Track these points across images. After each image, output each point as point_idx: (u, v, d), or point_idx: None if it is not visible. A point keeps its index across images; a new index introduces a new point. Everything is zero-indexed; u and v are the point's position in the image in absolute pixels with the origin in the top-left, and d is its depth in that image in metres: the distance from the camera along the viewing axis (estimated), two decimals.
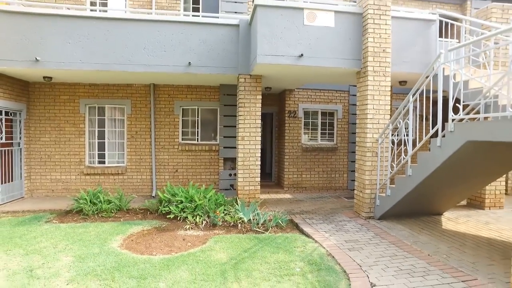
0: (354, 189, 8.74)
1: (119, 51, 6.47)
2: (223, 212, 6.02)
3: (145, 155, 8.15)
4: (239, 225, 5.65)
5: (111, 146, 8.17)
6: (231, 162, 8.26)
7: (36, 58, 6.22)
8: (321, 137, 9.08)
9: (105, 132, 8.13)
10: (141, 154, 8.14)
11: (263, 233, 5.38)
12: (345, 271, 3.85)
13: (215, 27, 6.70)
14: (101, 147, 8.14)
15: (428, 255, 4.27)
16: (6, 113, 7.07)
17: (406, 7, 9.22)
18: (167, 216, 6.16)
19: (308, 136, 9.03)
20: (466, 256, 4.26)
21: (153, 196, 7.97)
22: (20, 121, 7.52)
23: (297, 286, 3.51)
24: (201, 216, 5.88)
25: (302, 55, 5.84)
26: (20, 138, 7.52)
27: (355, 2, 8.90)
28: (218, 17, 7.23)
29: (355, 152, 8.82)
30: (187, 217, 5.94)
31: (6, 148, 7.08)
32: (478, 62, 5.66)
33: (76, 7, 6.83)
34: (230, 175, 8.19)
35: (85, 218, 6.13)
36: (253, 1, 8.57)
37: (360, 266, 3.94)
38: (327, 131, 9.12)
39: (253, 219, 5.68)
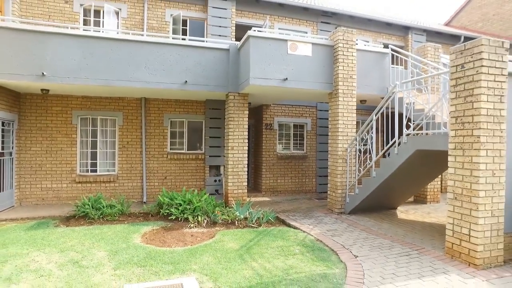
0: (322, 192, 10.21)
1: (121, 69, 7.23)
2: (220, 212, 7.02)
3: (136, 164, 8.83)
4: (236, 222, 6.70)
5: (102, 155, 8.72)
6: (215, 169, 9.26)
7: (42, 73, 6.75)
8: (293, 146, 10.47)
9: (97, 142, 8.67)
10: (132, 163, 8.80)
11: (258, 227, 6.50)
12: (332, 250, 5.13)
13: (208, 50, 7.76)
14: (93, 156, 8.65)
15: (390, 236, 5.73)
16: (2, 124, 7.39)
17: (362, 36, 11.07)
18: (169, 218, 7.00)
19: (282, 146, 10.36)
20: (416, 235, 5.79)
21: (144, 202, 8.66)
22: (12, 131, 7.82)
23: (301, 261, 4.70)
24: (202, 216, 6.82)
25: (286, 78, 7.14)
26: (12, 148, 7.82)
27: (321, 32, 10.52)
28: (205, 41, 8.31)
29: (322, 159, 10.39)
30: (188, 218, 6.84)
31: (0, 158, 7.38)
32: (424, 91, 7.43)
33: (80, 27, 7.44)
34: (215, 181, 9.18)
35: (91, 222, 6.72)
36: (235, 26, 9.76)
37: (343, 246, 5.24)
38: (298, 141, 10.54)
39: (248, 217, 6.77)
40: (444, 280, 3.95)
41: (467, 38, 12.41)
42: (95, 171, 8.67)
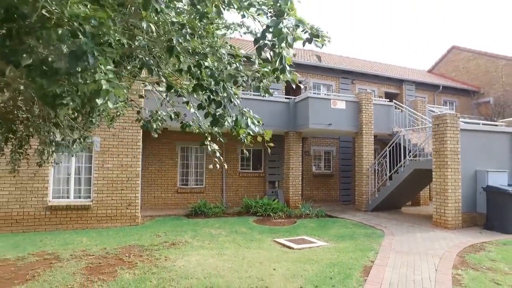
0: (344, 200, 14.67)
1: None
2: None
3: (218, 180, 13.09)
4: (303, 215, 11.05)
5: (194, 173, 12.95)
6: (272, 184, 13.63)
7: None
8: (323, 167, 15.03)
9: (190, 164, 12.91)
10: (215, 179, 13.06)
11: (317, 218, 10.87)
12: (370, 226, 9.58)
13: (277, 103, 12.32)
14: (187, 174, 12.86)
15: (400, 220, 10.26)
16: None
17: (370, 86, 15.99)
18: (257, 214, 11.25)
19: (316, 167, 14.90)
20: (416, 219, 10.35)
21: (225, 207, 12.86)
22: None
23: (356, 229, 9.10)
24: (280, 212, 11.13)
25: (331, 124, 11.74)
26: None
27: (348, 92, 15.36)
28: (265, 95, 12.88)
29: (344, 177, 14.97)
30: (269, 214, 11.12)
31: None
32: (417, 132, 12.23)
33: None
34: (272, 192, 13.54)
35: (207, 217, 10.87)
36: (286, 83, 14.42)
37: (376, 224, 9.71)
38: (326, 164, 15.12)
39: (310, 212, 11.14)
40: (433, 233, 8.47)
41: (444, 87, 17.67)
42: (188, 185, 12.86)
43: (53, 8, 1.70)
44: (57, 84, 1.90)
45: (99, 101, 1.87)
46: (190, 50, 2.65)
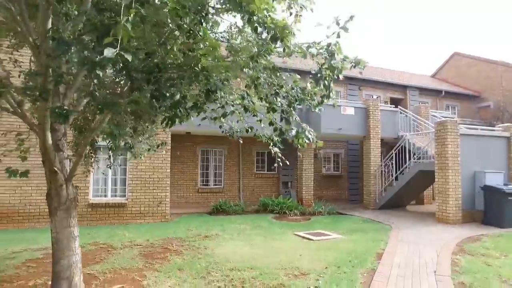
0: (352, 200, 15.76)
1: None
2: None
3: (235, 180, 14.19)
4: (316, 213, 12.14)
5: (213, 174, 14.06)
6: (285, 184, 14.73)
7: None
8: (333, 169, 16.12)
9: (210, 166, 14.02)
10: (232, 180, 14.16)
11: (330, 215, 11.95)
12: (379, 221, 10.65)
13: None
14: (207, 175, 13.97)
15: (405, 216, 11.35)
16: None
17: (375, 91, 17.08)
18: (273, 212, 12.34)
19: (325, 169, 16.00)
20: (420, 216, 11.43)
21: (244, 205, 13.94)
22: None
23: (366, 224, 10.19)
24: (295, 210, 12.22)
25: (341, 128, 12.83)
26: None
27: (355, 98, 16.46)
28: None
29: (352, 178, 16.07)
30: (285, 212, 12.20)
31: None
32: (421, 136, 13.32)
33: None
34: (285, 192, 14.64)
35: (228, 214, 11.94)
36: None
37: (384, 219, 10.79)
38: (335, 165, 16.21)
39: (322, 210, 12.23)
40: (435, 227, 9.56)
41: (446, 92, 18.76)
42: (208, 185, 13.97)
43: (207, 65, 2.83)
44: (199, 111, 3.05)
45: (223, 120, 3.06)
46: (269, 83, 3.77)
